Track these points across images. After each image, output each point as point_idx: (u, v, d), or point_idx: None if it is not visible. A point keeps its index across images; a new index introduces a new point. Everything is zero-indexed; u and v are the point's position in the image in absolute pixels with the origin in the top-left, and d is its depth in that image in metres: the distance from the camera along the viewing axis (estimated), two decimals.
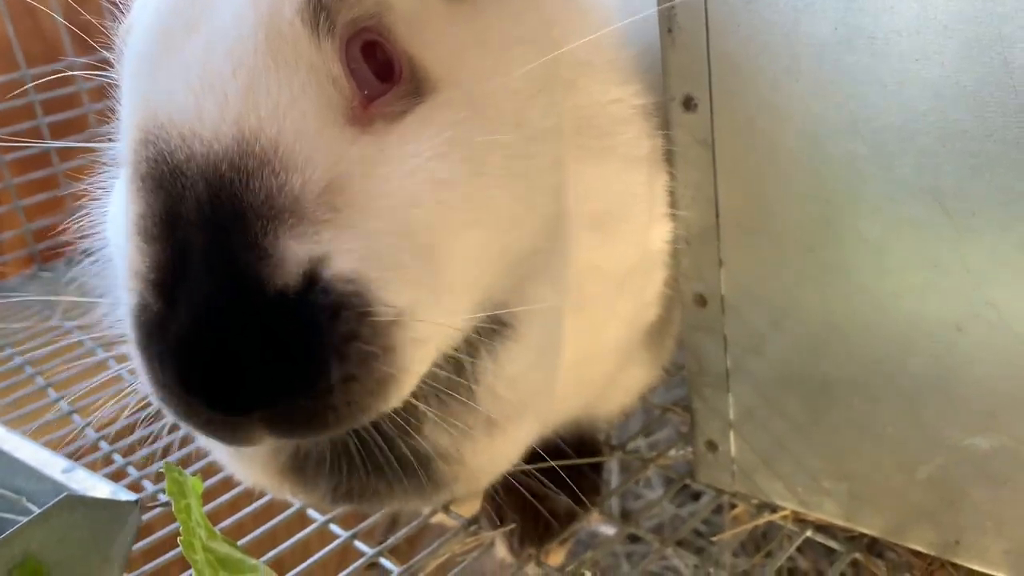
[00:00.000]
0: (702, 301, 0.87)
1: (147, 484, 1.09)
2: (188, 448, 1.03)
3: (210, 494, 1.01)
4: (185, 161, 0.57)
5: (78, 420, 1.23)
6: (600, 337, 0.87)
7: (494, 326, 0.70)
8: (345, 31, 0.61)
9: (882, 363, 0.77)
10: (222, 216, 0.56)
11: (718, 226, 0.83)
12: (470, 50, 0.67)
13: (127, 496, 0.81)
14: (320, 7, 0.60)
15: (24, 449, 0.90)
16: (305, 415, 0.57)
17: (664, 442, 1.28)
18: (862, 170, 0.72)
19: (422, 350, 0.61)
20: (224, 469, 0.92)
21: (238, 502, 1.03)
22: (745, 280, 0.84)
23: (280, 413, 0.57)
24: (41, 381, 1.35)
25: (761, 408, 0.88)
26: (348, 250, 0.57)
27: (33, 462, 0.88)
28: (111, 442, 1.17)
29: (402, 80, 0.63)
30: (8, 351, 1.46)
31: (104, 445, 1.17)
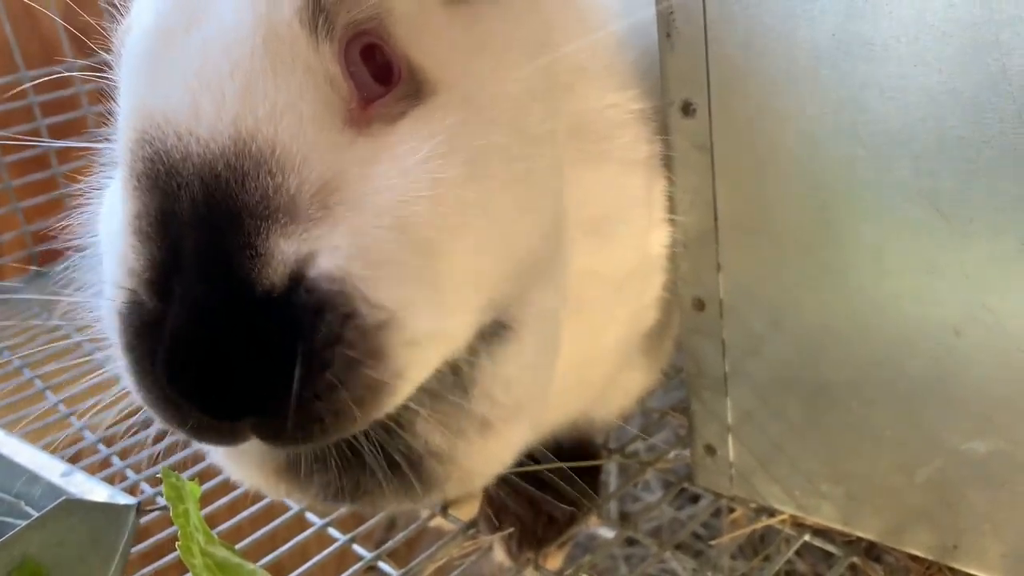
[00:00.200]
0: (700, 305, 0.87)
1: (145, 487, 1.09)
2: (186, 451, 1.03)
3: (208, 497, 1.01)
4: (181, 160, 0.57)
5: (76, 423, 1.23)
6: (599, 341, 0.87)
7: (493, 328, 0.70)
8: (344, 33, 0.61)
9: (880, 366, 0.77)
10: (217, 216, 0.56)
11: (716, 230, 0.83)
12: (469, 54, 0.67)
13: (125, 500, 0.81)
14: (319, 9, 0.60)
15: (23, 452, 0.90)
16: (290, 424, 0.56)
17: (663, 444, 1.27)
18: (860, 174, 0.72)
19: (418, 354, 0.59)
20: (221, 472, 0.92)
21: (236, 505, 1.03)
22: (743, 284, 0.84)
23: (266, 420, 0.57)
24: (39, 384, 1.35)
25: (759, 411, 0.88)
26: (336, 247, 0.56)
27: (31, 465, 0.88)
28: (109, 445, 1.17)
29: (401, 83, 0.63)
30: (6, 354, 1.46)
31: (102, 448, 1.17)
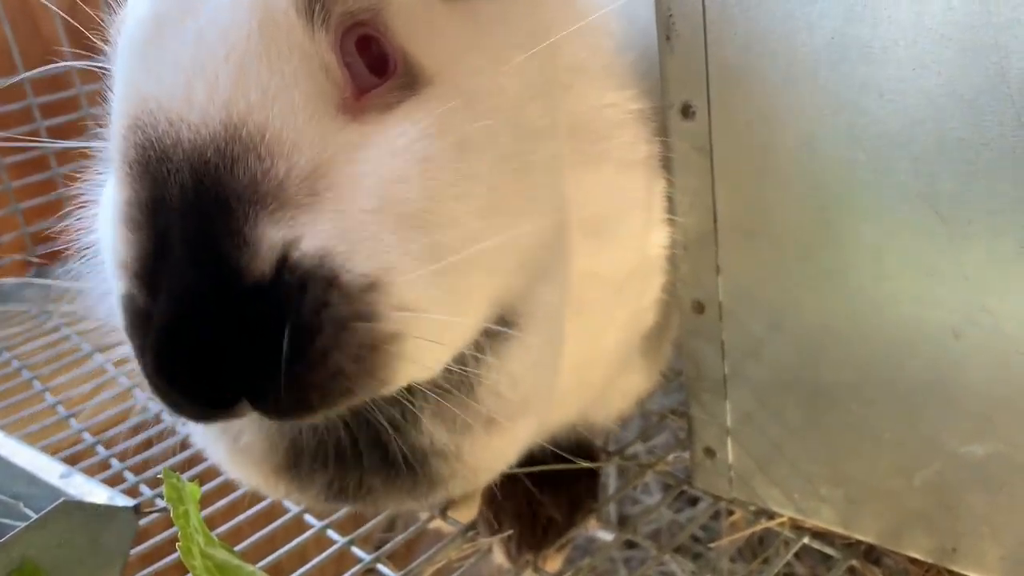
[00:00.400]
0: (700, 307, 0.87)
1: (144, 489, 1.09)
2: (186, 453, 1.03)
3: (208, 499, 1.01)
4: (172, 147, 0.57)
5: (76, 424, 1.23)
6: (598, 342, 0.87)
7: (498, 325, 0.70)
8: (340, 23, 0.61)
9: (879, 368, 0.77)
10: (205, 202, 0.56)
11: (716, 232, 0.83)
12: (466, 49, 0.67)
13: (124, 501, 0.81)
14: None
15: (22, 454, 0.90)
16: (290, 396, 0.56)
17: (662, 447, 1.28)
18: (859, 177, 0.72)
19: (415, 324, 0.58)
20: (221, 473, 0.92)
21: (236, 507, 1.03)
22: (743, 286, 0.84)
23: (265, 399, 0.56)
24: (38, 385, 1.35)
25: (759, 414, 0.88)
26: (320, 231, 0.56)
27: (31, 467, 0.88)
28: (108, 446, 1.17)
29: (396, 75, 0.63)
30: (5, 355, 1.46)
31: (101, 450, 1.17)
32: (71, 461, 1.08)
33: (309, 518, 1.01)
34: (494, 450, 0.75)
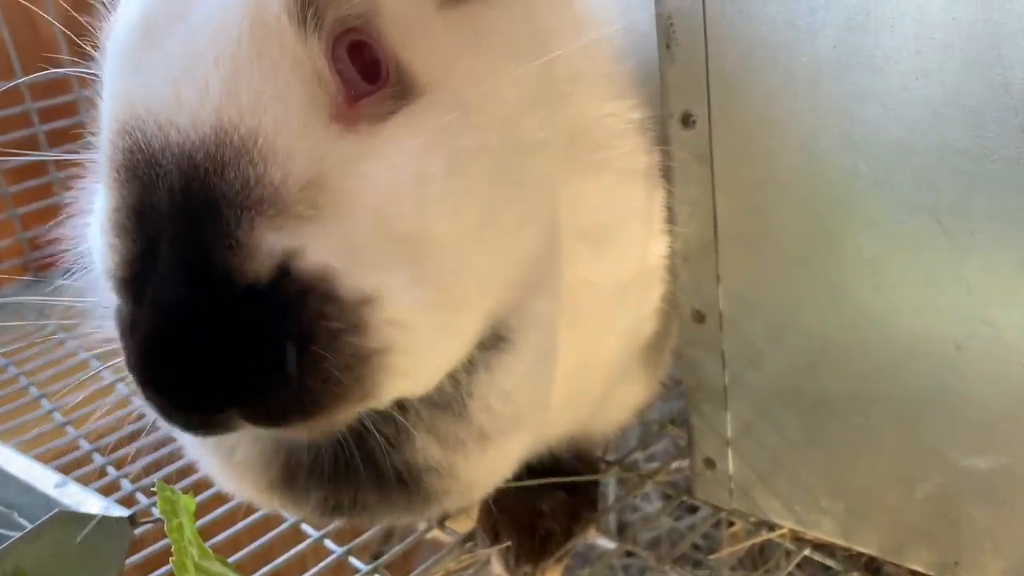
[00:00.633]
0: (700, 317, 0.87)
1: (140, 497, 1.08)
2: (182, 462, 1.03)
3: (204, 508, 1.00)
4: (160, 151, 0.56)
5: (72, 432, 1.22)
6: (597, 352, 0.87)
7: (490, 339, 0.69)
8: (332, 29, 0.60)
9: (881, 379, 0.77)
10: (195, 206, 0.55)
11: (716, 241, 0.82)
12: (461, 57, 0.66)
13: (119, 512, 0.81)
14: (308, 3, 0.59)
15: (16, 463, 0.90)
16: (281, 403, 0.55)
17: (661, 455, 1.27)
18: (860, 187, 0.72)
19: (405, 337, 0.58)
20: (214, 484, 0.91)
21: (233, 516, 1.02)
22: (743, 295, 0.83)
23: (255, 405, 0.56)
24: (35, 392, 1.35)
25: (759, 424, 0.87)
26: (323, 246, 0.56)
27: (25, 476, 0.87)
28: (105, 454, 1.16)
29: (389, 82, 0.62)
30: (2, 361, 1.46)
31: (97, 457, 1.16)
32: (67, 468, 1.07)
33: (306, 528, 1.01)
34: (488, 466, 0.74)
